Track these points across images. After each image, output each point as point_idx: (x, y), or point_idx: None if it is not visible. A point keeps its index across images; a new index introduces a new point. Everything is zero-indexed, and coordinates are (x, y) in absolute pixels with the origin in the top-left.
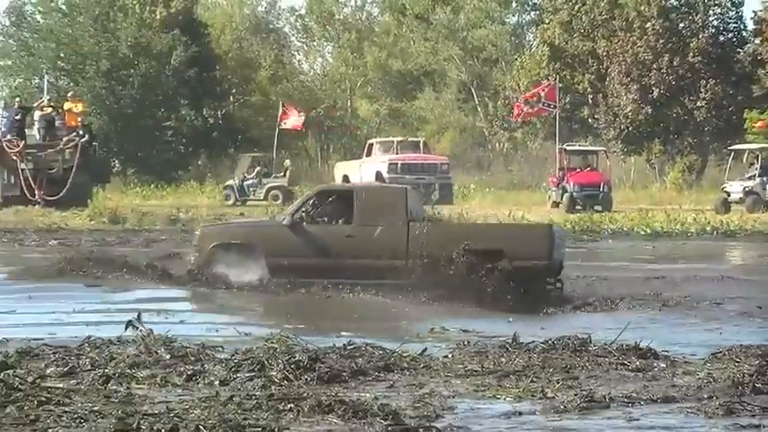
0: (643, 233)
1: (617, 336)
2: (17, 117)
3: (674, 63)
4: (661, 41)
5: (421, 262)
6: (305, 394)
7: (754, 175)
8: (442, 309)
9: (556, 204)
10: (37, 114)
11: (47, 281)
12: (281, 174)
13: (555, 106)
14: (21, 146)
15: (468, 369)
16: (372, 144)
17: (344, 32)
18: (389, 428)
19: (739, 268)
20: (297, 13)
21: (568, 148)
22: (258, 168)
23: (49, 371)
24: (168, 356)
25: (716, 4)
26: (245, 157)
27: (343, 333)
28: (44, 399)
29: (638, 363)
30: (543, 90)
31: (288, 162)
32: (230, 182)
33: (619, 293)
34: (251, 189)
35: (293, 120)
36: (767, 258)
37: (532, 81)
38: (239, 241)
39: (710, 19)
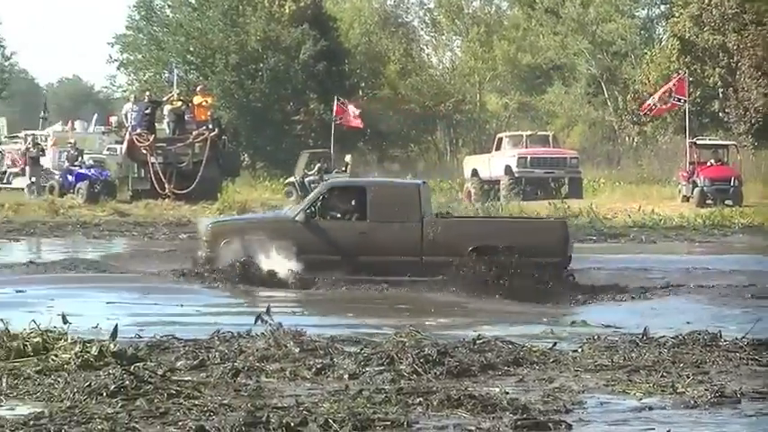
0: None
1: (748, 330)
2: (147, 111)
3: None
4: None
5: (435, 259)
6: (434, 388)
7: None
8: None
9: (686, 199)
10: (167, 108)
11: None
12: (343, 169)
13: (685, 100)
14: (151, 140)
15: (597, 364)
16: (501, 138)
17: (473, 26)
18: (519, 422)
19: None
20: (426, 7)
21: (699, 142)
22: (319, 165)
23: (179, 364)
24: (298, 350)
25: None
26: (304, 153)
27: (484, 327)
28: (174, 392)
29: None
30: (674, 85)
31: (348, 157)
32: (291, 179)
33: (749, 287)
34: (312, 185)
35: (349, 116)
36: None
37: (662, 75)
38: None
39: None
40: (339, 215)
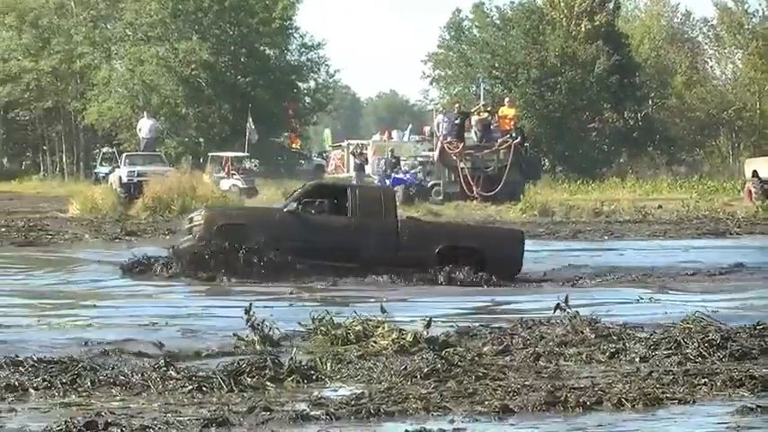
0: None
1: None
2: (456, 121)
3: None
4: None
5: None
6: (718, 370)
7: None
8: None
9: None
10: (474, 119)
11: None
12: None
13: None
14: (460, 147)
15: None
16: None
17: (753, 40)
18: None
19: None
20: (709, 24)
21: None
22: None
23: (485, 349)
24: (593, 336)
25: None
26: None
27: None
28: (481, 374)
29: None
30: None
31: None
32: None
33: None
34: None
35: None
36: None
37: None
38: (242, 222)
39: None
40: (324, 209)
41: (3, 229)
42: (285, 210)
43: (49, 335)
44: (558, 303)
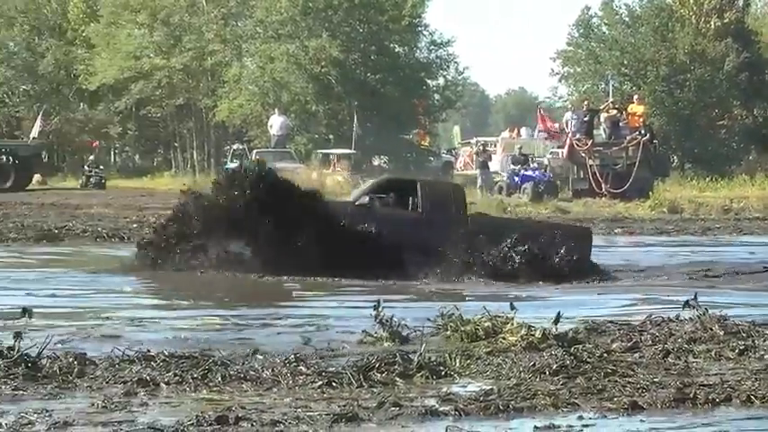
0: None
1: None
2: (585, 119)
3: None
4: None
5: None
6: None
7: None
8: None
9: None
10: (603, 116)
11: None
12: None
13: None
14: (589, 144)
15: None
16: None
17: None
18: None
19: None
20: None
21: None
22: None
23: (614, 345)
24: (722, 333)
25: None
26: None
27: None
28: (610, 371)
29: None
30: None
31: None
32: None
33: None
34: None
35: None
36: None
37: None
38: None
39: None
40: (394, 203)
41: (134, 225)
42: (357, 203)
43: (182, 332)
44: (688, 300)
